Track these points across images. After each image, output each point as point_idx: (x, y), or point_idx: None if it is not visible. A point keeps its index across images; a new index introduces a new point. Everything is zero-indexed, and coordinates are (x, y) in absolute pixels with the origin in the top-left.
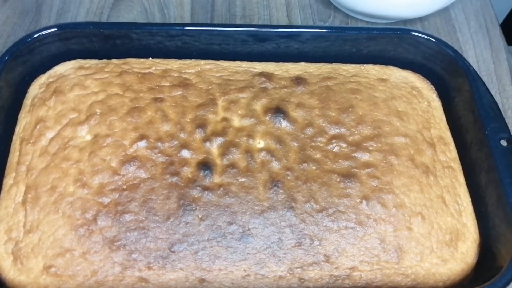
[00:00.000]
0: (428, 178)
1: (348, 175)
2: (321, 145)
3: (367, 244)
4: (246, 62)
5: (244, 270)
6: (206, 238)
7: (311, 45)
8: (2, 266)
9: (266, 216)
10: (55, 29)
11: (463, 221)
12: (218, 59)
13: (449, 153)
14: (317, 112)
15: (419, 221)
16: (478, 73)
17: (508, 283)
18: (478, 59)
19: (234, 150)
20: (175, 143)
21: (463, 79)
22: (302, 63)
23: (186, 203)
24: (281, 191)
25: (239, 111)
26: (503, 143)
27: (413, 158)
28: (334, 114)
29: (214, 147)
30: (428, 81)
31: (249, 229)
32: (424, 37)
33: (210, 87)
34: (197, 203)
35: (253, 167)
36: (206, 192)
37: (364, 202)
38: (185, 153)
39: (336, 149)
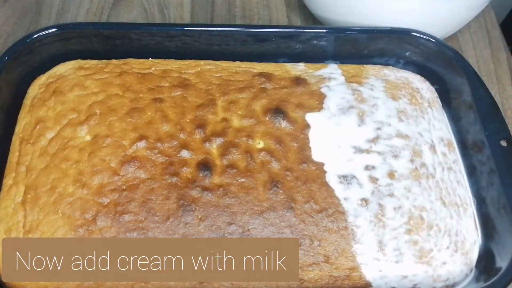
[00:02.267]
0: (428, 179)
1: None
2: None
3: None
4: (245, 62)
5: None
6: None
7: (311, 45)
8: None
9: (266, 217)
10: (55, 29)
11: (463, 222)
12: (218, 60)
13: (449, 154)
14: None
15: (418, 223)
16: (478, 73)
17: (508, 284)
18: (478, 59)
19: (234, 151)
20: (175, 143)
21: (463, 79)
22: (302, 64)
23: (185, 203)
24: (280, 191)
25: (238, 112)
26: (503, 143)
27: (413, 159)
28: None
29: (213, 147)
30: (428, 81)
31: (248, 230)
32: (424, 38)
33: (209, 88)
34: (196, 203)
35: (252, 167)
36: (206, 192)
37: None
38: (185, 154)
39: None
